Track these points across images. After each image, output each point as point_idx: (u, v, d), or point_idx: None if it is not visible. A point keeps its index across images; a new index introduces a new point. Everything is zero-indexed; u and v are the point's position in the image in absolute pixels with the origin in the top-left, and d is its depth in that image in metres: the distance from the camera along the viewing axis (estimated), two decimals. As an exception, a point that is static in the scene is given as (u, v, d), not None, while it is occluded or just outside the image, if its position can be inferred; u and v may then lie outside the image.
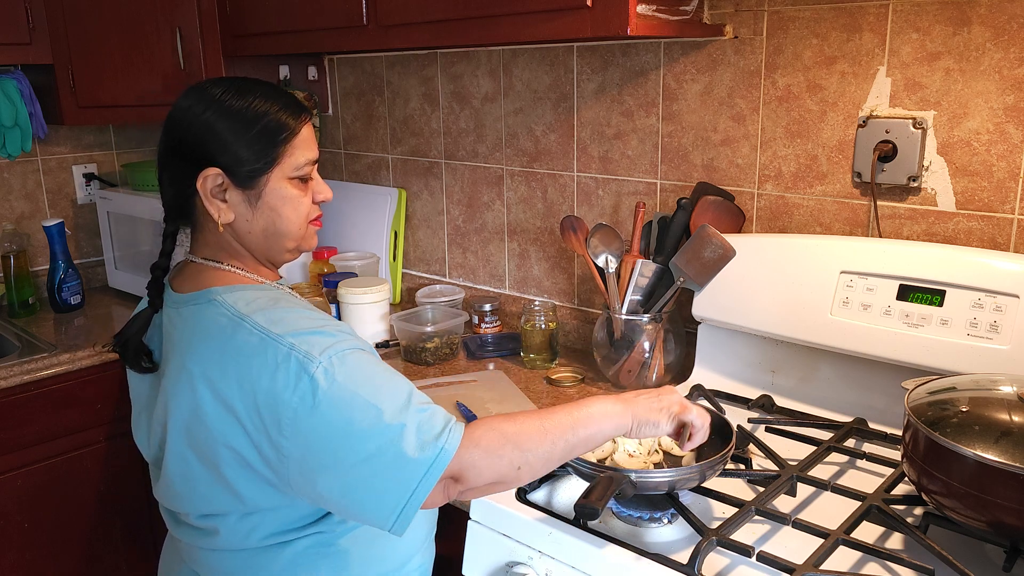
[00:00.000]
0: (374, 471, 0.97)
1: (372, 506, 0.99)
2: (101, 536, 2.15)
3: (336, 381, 0.99)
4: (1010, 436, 1.01)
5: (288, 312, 1.06)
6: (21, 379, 1.96)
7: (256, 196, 1.10)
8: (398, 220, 2.35)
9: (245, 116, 1.08)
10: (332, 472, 0.99)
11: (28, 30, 2.17)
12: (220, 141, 1.08)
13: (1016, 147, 1.36)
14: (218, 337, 1.05)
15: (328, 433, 0.98)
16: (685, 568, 1.03)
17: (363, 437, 0.97)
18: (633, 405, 1.10)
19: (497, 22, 1.56)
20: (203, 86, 1.11)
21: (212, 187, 1.09)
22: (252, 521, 1.09)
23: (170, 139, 1.11)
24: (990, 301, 1.29)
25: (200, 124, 1.08)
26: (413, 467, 0.97)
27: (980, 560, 1.06)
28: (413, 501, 0.98)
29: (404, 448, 0.97)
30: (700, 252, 1.58)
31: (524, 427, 1.03)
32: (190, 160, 1.09)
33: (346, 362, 1.01)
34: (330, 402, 0.98)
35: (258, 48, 2.12)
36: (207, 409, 1.03)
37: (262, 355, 1.01)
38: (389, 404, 0.99)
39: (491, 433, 1.02)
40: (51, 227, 2.34)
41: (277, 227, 1.13)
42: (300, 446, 0.99)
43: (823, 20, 1.51)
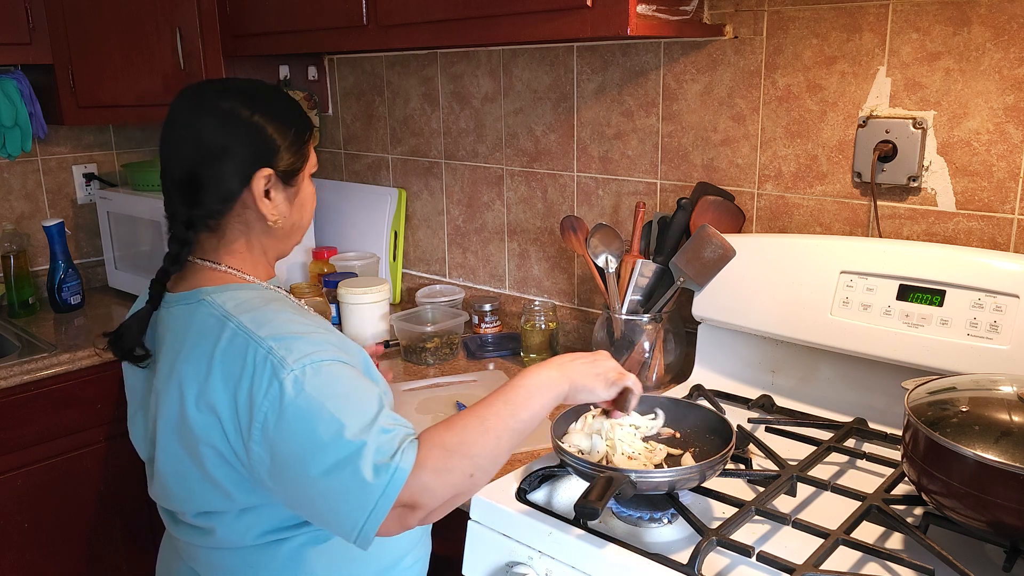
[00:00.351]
0: (333, 486, 0.97)
1: (334, 520, 0.99)
2: (101, 536, 2.15)
3: (304, 391, 0.99)
4: (1010, 436, 1.01)
5: (277, 314, 1.07)
6: (21, 379, 1.96)
7: (295, 194, 1.16)
8: (398, 220, 2.36)
9: (285, 117, 1.12)
10: (297, 481, 0.99)
11: (28, 30, 2.17)
12: (270, 141, 1.10)
13: (1016, 147, 1.36)
14: (205, 337, 1.06)
15: (292, 442, 0.98)
16: (685, 568, 1.03)
17: (323, 450, 0.97)
18: (569, 371, 1.11)
19: (497, 22, 1.56)
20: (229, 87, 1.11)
21: (266, 187, 1.12)
22: (248, 519, 1.10)
23: (214, 145, 1.09)
24: (990, 301, 1.29)
25: (248, 125, 1.09)
26: (368, 490, 0.96)
27: (980, 560, 1.06)
28: (372, 520, 0.97)
29: (361, 467, 0.96)
30: (700, 252, 1.58)
31: (465, 433, 1.02)
32: (238, 164, 1.09)
33: (319, 373, 1.01)
34: (295, 411, 0.98)
35: (258, 48, 2.12)
36: (191, 408, 1.04)
37: (244, 356, 1.02)
38: (354, 420, 0.98)
39: (435, 451, 1.00)
40: (51, 227, 2.35)
41: (302, 222, 1.19)
42: (267, 451, 1.00)
43: (823, 20, 1.51)
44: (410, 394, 1.74)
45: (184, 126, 1.10)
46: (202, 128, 1.09)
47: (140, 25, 2.20)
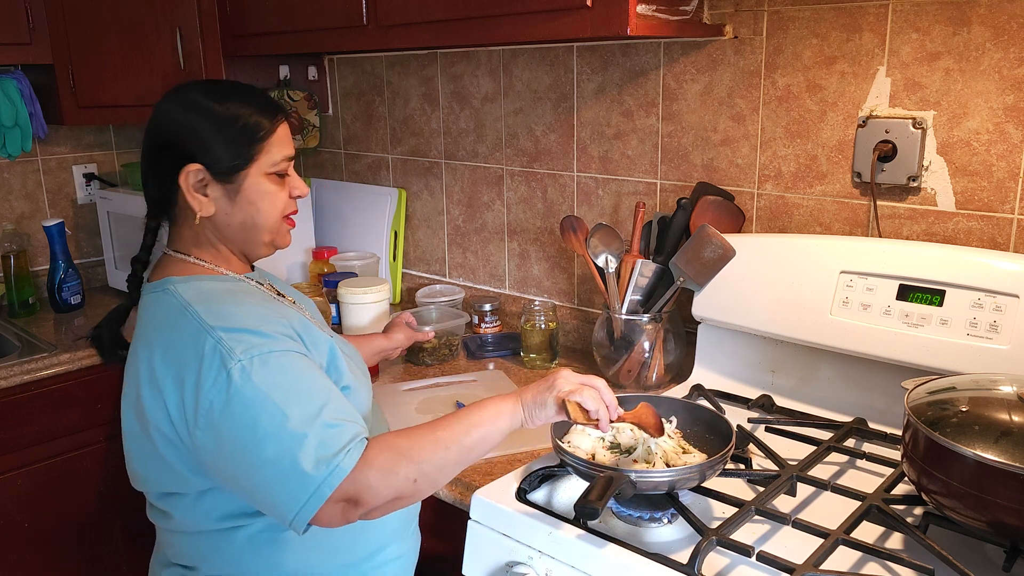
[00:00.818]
0: (272, 476, 1.01)
1: (271, 506, 1.04)
2: (101, 536, 2.15)
3: (251, 381, 1.02)
4: (1010, 436, 1.01)
5: (235, 306, 1.11)
6: (21, 379, 1.96)
7: (235, 190, 1.16)
8: (398, 220, 2.36)
9: (225, 116, 1.15)
10: (238, 468, 1.03)
11: (28, 30, 2.17)
12: (202, 140, 1.14)
13: (1016, 147, 1.36)
14: (162, 325, 1.11)
15: (235, 430, 1.02)
16: (685, 568, 1.03)
17: (264, 440, 1.01)
18: (522, 395, 1.13)
19: (497, 22, 1.56)
20: (184, 89, 1.18)
21: (194, 182, 1.15)
22: (205, 503, 1.13)
23: (154, 138, 1.18)
24: (990, 301, 1.29)
25: (184, 124, 1.15)
26: (306, 481, 1.00)
27: (980, 560, 1.06)
28: (304, 513, 1.00)
29: (300, 460, 1.00)
30: (700, 252, 1.58)
31: (416, 440, 1.06)
32: (173, 157, 1.15)
33: (267, 364, 1.04)
34: (240, 401, 1.02)
35: (258, 48, 2.12)
36: (145, 393, 1.09)
37: (195, 345, 1.06)
38: (297, 412, 1.02)
39: (385, 452, 1.04)
40: (51, 227, 2.34)
41: (255, 220, 1.18)
42: (211, 439, 1.04)
43: (823, 20, 1.51)
44: (410, 394, 1.74)
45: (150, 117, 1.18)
46: (150, 124, 1.18)
47: (140, 25, 2.20)
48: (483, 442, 1.10)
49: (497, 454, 1.43)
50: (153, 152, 1.18)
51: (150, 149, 1.18)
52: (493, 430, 1.10)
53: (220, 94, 1.17)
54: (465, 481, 1.34)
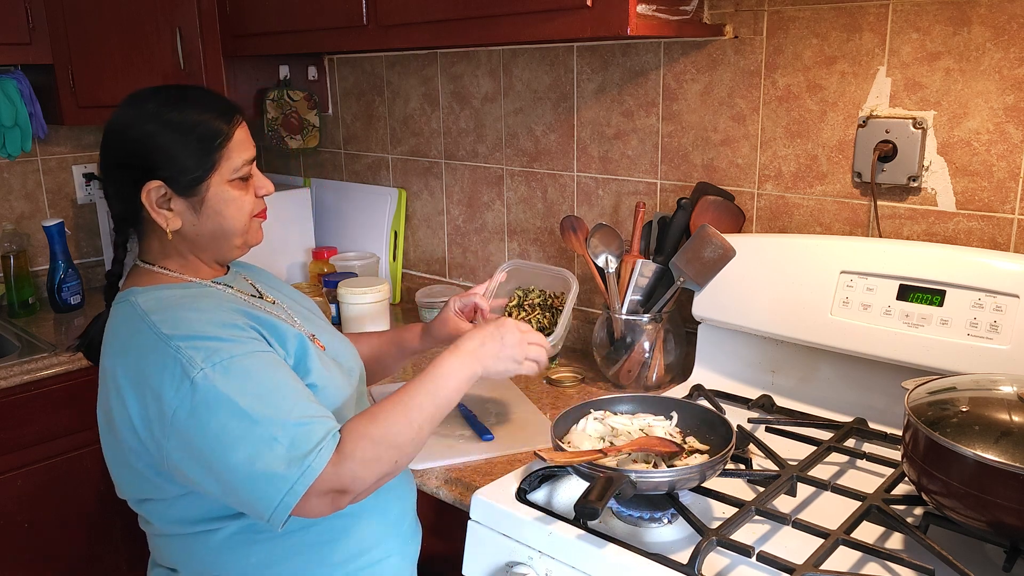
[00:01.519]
0: (244, 480, 1.02)
1: (248, 506, 1.04)
2: (101, 536, 2.15)
3: (215, 387, 1.03)
4: (1010, 436, 1.01)
5: (191, 311, 1.10)
6: (21, 379, 1.96)
7: (199, 202, 1.15)
8: (398, 220, 2.36)
9: (181, 127, 1.12)
10: (209, 475, 1.04)
11: (28, 30, 2.17)
12: (160, 154, 1.12)
13: (1016, 147, 1.36)
14: (122, 335, 1.11)
15: (203, 438, 1.02)
16: (685, 568, 1.03)
17: (233, 446, 1.01)
18: (480, 356, 1.18)
19: (497, 22, 1.56)
20: (139, 99, 1.15)
21: (156, 198, 1.13)
22: (178, 508, 1.14)
23: (112, 154, 1.15)
24: (990, 301, 1.29)
25: (139, 138, 1.12)
26: (278, 482, 1.01)
27: (980, 560, 1.06)
28: (279, 511, 1.01)
29: (271, 462, 1.01)
30: (700, 252, 1.58)
31: (391, 426, 1.08)
32: (133, 174, 1.13)
33: (231, 369, 1.04)
34: (207, 407, 1.02)
35: (258, 48, 2.12)
36: (112, 404, 1.10)
37: (152, 355, 1.05)
38: (265, 415, 1.03)
39: (362, 442, 1.05)
40: (51, 227, 2.34)
41: (224, 228, 1.18)
42: (179, 447, 1.04)
43: (823, 20, 1.51)
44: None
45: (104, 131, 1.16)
46: (105, 140, 1.15)
47: (140, 25, 2.20)
48: (449, 405, 1.14)
49: (497, 454, 1.43)
50: (112, 169, 1.16)
51: (108, 167, 1.16)
52: (456, 393, 1.15)
53: (174, 102, 1.14)
54: (465, 481, 1.34)
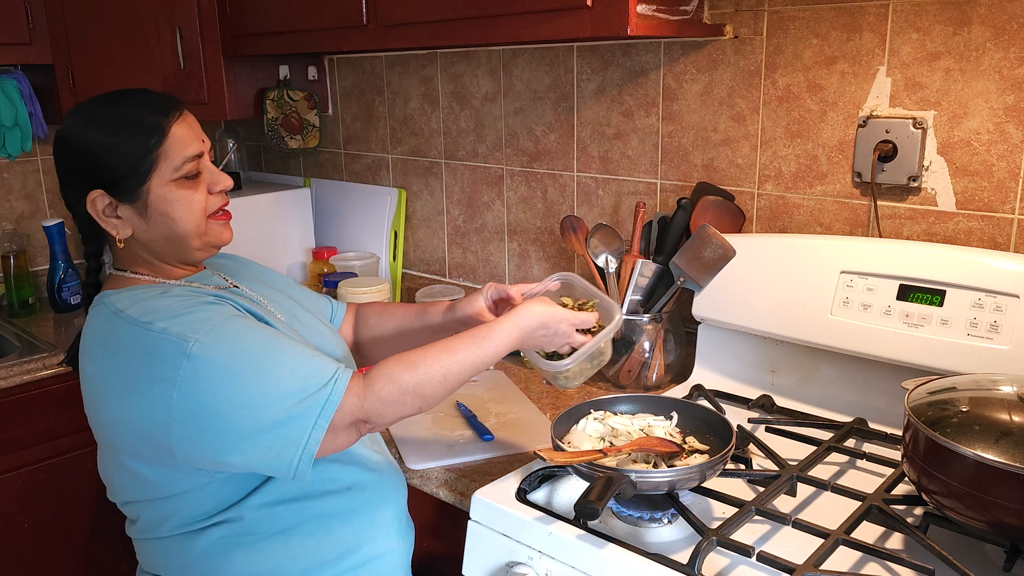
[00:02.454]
0: (265, 432, 1.02)
1: (270, 463, 1.04)
2: (101, 536, 2.15)
3: (217, 354, 1.02)
4: (1010, 436, 1.01)
5: (166, 300, 1.09)
6: (21, 379, 1.96)
7: (144, 206, 1.12)
8: (398, 220, 2.36)
9: (113, 129, 1.09)
10: (226, 441, 1.02)
11: (28, 30, 2.17)
12: (96, 160, 1.10)
13: (1016, 147, 1.36)
14: (99, 336, 1.10)
15: (215, 406, 1.01)
16: (685, 568, 1.03)
17: (250, 405, 1.01)
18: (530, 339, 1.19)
19: (497, 22, 1.56)
20: (80, 107, 1.14)
21: (103, 207, 1.12)
22: (165, 510, 1.13)
23: (58, 167, 1.14)
24: (990, 301, 1.29)
25: (77, 147, 1.11)
26: (300, 421, 1.02)
27: (980, 560, 1.06)
28: (306, 453, 1.03)
29: (289, 405, 1.01)
30: (700, 252, 1.58)
31: (426, 378, 1.09)
32: (78, 185, 1.12)
33: (224, 333, 1.04)
34: (212, 376, 1.01)
35: (258, 48, 2.12)
36: (98, 405, 1.09)
37: (135, 346, 1.04)
38: (272, 368, 1.03)
39: (390, 386, 1.07)
40: (51, 227, 2.35)
41: (174, 231, 1.14)
42: (189, 423, 1.02)
43: (823, 20, 1.51)
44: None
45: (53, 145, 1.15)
46: (54, 148, 1.14)
47: (140, 25, 2.20)
48: (486, 365, 1.14)
49: (497, 454, 1.43)
50: (62, 182, 1.15)
51: (59, 179, 1.15)
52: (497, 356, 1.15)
53: (108, 105, 1.11)
54: (465, 481, 1.34)
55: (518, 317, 1.17)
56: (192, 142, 1.13)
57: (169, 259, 1.18)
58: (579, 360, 1.24)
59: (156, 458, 1.08)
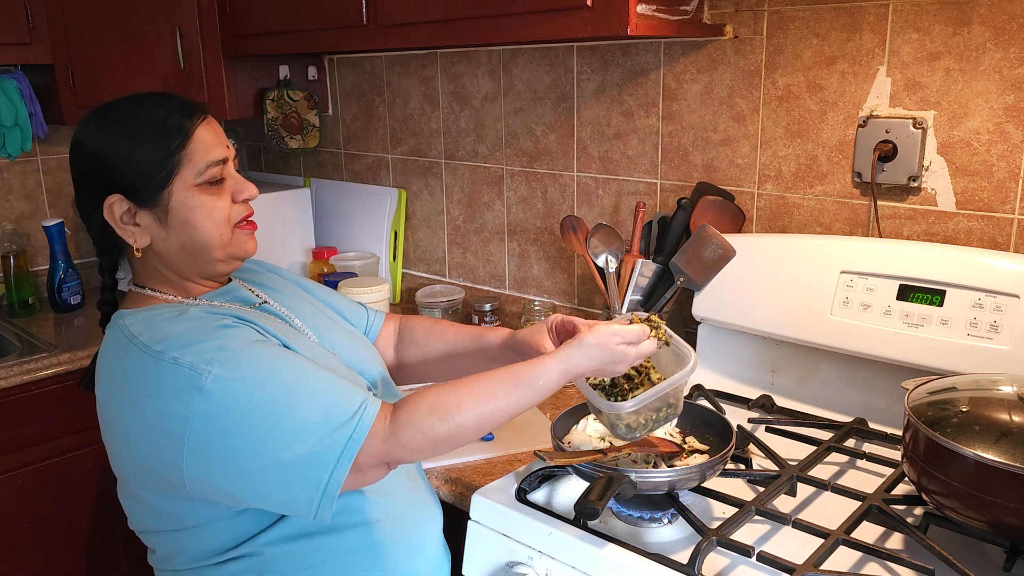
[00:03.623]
0: (283, 471, 0.95)
1: (288, 504, 0.98)
2: (101, 536, 2.15)
3: (230, 388, 0.95)
4: (1010, 436, 1.01)
5: (180, 325, 1.02)
6: (21, 379, 1.96)
7: (164, 212, 1.06)
8: (398, 220, 2.36)
9: (134, 133, 1.04)
10: (242, 481, 0.96)
11: (28, 30, 2.17)
12: (114, 164, 1.04)
13: (1016, 147, 1.36)
14: (112, 362, 1.04)
15: (229, 444, 0.95)
16: (685, 568, 1.03)
17: (265, 440, 0.95)
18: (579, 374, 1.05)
19: (497, 22, 1.56)
20: (95, 112, 1.09)
21: (120, 214, 1.06)
22: (180, 542, 1.08)
23: (74, 173, 1.09)
24: (990, 301, 1.29)
25: (93, 151, 1.05)
26: (321, 459, 0.95)
27: (980, 560, 1.06)
28: (329, 492, 0.96)
29: (310, 443, 0.95)
30: (700, 252, 1.58)
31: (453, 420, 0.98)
32: (95, 191, 1.06)
33: (239, 364, 0.97)
34: (225, 412, 0.95)
35: (258, 48, 2.12)
36: (112, 435, 1.04)
37: (148, 377, 0.98)
38: (289, 399, 0.96)
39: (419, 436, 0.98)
40: (51, 227, 2.34)
41: (195, 239, 1.07)
42: (202, 463, 0.96)
43: (823, 20, 1.51)
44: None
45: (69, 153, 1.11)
46: (70, 156, 1.09)
47: (140, 25, 2.20)
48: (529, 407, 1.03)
49: (497, 454, 1.43)
50: (78, 189, 1.09)
51: (75, 187, 1.10)
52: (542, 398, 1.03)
53: (127, 108, 1.06)
54: (465, 481, 1.34)
55: (567, 357, 1.04)
56: (217, 147, 1.08)
57: (189, 273, 1.11)
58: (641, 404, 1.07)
59: (169, 491, 1.03)
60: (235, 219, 1.10)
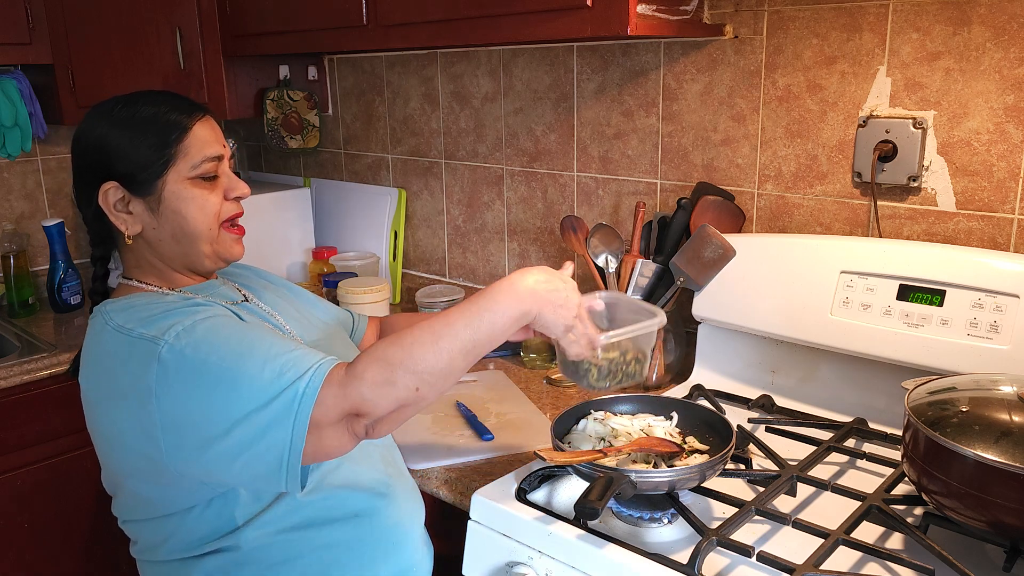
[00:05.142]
0: (245, 435, 0.95)
1: (258, 469, 0.97)
2: (101, 536, 2.15)
3: (184, 355, 0.97)
4: (1010, 436, 1.01)
5: (150, 307, 1.05)
6: (21, 379, 1.96)
7: (156, 201, 1.10)
8: (398, 220, 2.36)
9: (133, 123, 1.09)
10: (208, 447, 0.97)
11: (28, 30, 2.17)
12: (112, 153, 1.08)
13: (1016, 147, 1.36)
14: (91, 347, 1.08)
15: (190, 410, 0.97)
16: (685, 568, 1.03)
17: (223, 405, 0.96)
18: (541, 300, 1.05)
19: (497, 22, 1.56)
20: (98, 106, 1.13)
21: (114, 201, 1.10)
22: (162, 531, 1.10)
23: (73, 164, 1.13)
24: (990, 301, 1.29)
25: (93, 142, 1.10)
26: (280, 419, 0.94)
27: (980, 560, 1.06)
28: (293, 452, 0.94)
29: (265, 403, 0.94)
30: (700, 252, 1.58)
31: (414, 349, 0.96)
32: (92, 180, 1.10)
33: (193, 333, 0.99)
34: (182, 379, 0.97)
35: (258, 48, 2.12)
36: (93, 420, 1.07)
37: (116, 353, 1.02)
38: (243, 364, 0.97)
39: (374, 364, 0.95)
40: (51, 227, 2.34)
41: (184, 230, 1.11)
42: (170, 430, 0.98)
43: (823, 20, 1.51)
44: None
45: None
46: (72, 147, 1.13)
47: (140, 25, 2.20)
48: (490, 343, 1.01)
49: (497, 454, 1.43)
50: (75, 178, 1.13)
51: (73, 176, 1.14)
52: (500, 332, 1.01)
53: (129, 102, 1.11)
54: (465, 481, 1.34)
55: (514, 277, 1.05)
56: (214, 143, 1.12)
57: (177, 264, 1.15)
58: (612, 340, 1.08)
59: (150, 474, 1.04)
60: (225, 215, 1.14)
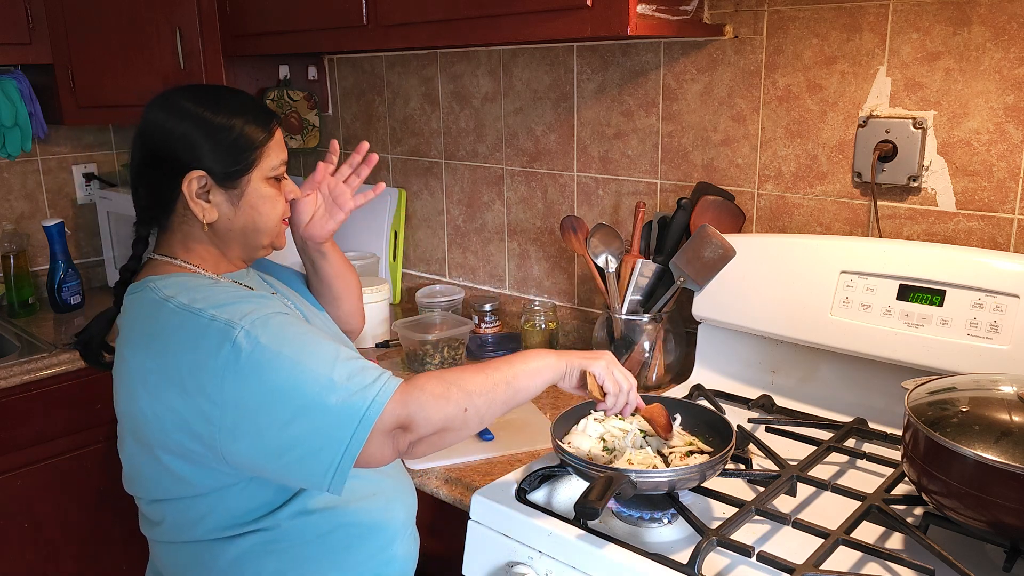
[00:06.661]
0: (305, 429, 1.00)
1: (307, 465, 1.01)
2: (101, 536, 2.15)
3: (259, 343, 1.02)
4: (1010, 436, 1.01)
5: (214, 290, 1.11)
6: (21, 379, 1.96)
7: (239, 195, 1.17)
8: (398, 220, 2.35)
9: (223, 124, 1.14)
10: (264, 435, 1.01)
11: (28, 30, 2.17)
12: (201, 148, 1.13)
13: (1016, 147, 1.36)
14: (144, 321, 1.10)
15: (255, 396, 1.01)
16: (685, 568, 1.03)
17: (290, 396, 1.00)
18: (568, 357, 1.17)
19: (497, 22, 1.56)
20: (173, 96, 1.17)
21: (197, 188, 1.14)
22: (198, 510, 1.12)
23: (148, 149, 1.16)
24: (990, 301, 1.29)
25: (178, 135, 1.13)
26: (344, 420, 1.00)
27: (980, 560, 1.06)
28: (348, 455, 1.00)
29: (333, 402, 1.00)
30: (700, 252, 1.58)
31: (465, 374, 1.09)
32: (172, 166, 1.14)
33: (268, 325, 1.04)
34: (254, 365, 1.01)
35: (258, 48, 2.12)
36: (139, 393, 1.07)
37: (183, 331, 1.05)
38: (315, 361, 1.02)
39: (434, 380, 1.06)
40: (51, 227, 2.35)
41: (257, 224, 1.20)
42: (229, 413, 1.01)
43: (823, 20, 1.51)
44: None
45: (139, 128, 1.18)
46: (145, 131, 1.17)
47: (140, 25, 2.20)
48: (527, 391, 1.12)
49: (497, 454, 1.43)
50: (147, 162, 1.17)
51: (143, 160, 1.17)
52: (537, 383, 1.13)
53: (213, 100, 1.16)
54: (465, 481, 1.34)
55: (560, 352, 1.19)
56: (283, 151, 1.22)
57: (232, 252, 1.22)
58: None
59: (194, 453, 1.06)
60: (285, 214, 1.26)
